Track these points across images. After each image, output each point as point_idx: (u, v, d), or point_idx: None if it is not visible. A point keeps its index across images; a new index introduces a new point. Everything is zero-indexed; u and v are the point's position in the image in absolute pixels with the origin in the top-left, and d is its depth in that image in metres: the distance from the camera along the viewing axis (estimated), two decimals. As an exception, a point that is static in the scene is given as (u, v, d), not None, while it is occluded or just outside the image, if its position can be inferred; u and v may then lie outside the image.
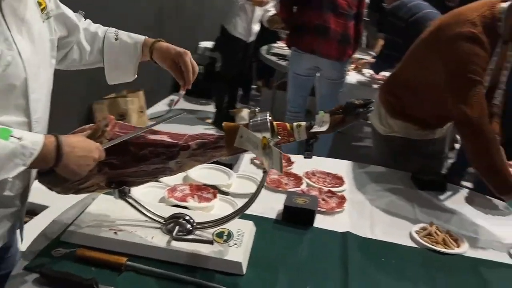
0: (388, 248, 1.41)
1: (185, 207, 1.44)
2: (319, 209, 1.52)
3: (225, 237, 1.26)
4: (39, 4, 1.12)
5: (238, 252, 1.22)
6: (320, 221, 1.49)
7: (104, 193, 1.36)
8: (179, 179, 1.63)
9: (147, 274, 1.13)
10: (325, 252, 1.35)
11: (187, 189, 1.56)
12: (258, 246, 1.30)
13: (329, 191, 1.67)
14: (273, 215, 1.50)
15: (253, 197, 1.21)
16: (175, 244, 1.21)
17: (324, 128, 1.14)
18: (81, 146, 1.03)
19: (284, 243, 1.37)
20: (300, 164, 1.86)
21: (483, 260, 1.42)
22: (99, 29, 1.37)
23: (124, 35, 1.35)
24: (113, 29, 1.37)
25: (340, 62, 3.38)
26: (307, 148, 1.17)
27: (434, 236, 1.48)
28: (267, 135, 1.13)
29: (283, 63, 3.98)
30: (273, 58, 4.15)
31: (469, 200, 1.81)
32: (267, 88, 5.21)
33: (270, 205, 1.53)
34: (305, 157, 1.18)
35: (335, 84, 3.46)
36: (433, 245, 1.44)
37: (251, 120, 1.17)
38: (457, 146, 3.76)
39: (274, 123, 1.18)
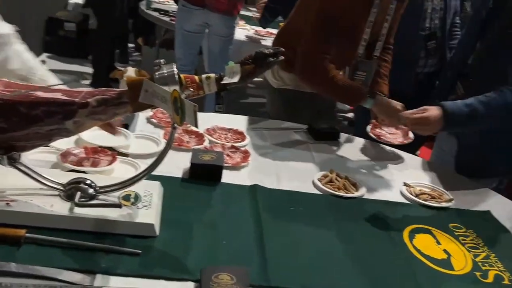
0: (295, 197, 1.45)
1: (83, 172, 1.33)
2: (225, 164, 1.50)
3: (132, 200, 1.19)
4: None
5: (149, 213, 1.16)
6: (227, 176, 1.47)
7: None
8: (71, 142, 1.50)
9: (51, 245, 1.03)
10: (236, 206, 1.34)
11: (82, 152, 1.43)
12: (169, 206, 1.24)
13: (233, 147, 1.66)
14: (179, 174, 1.45)
15: (161, 155, 1.15)
16: (79, 211, 1.12)
17: (235, 79, 1.10)
18: None
19: (195, 201, 1.33)
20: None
21: (380, 200, 1.52)
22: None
23: None
24: None
25: (230, 18, 3.32)
26: (218, 102, 1.13)
27: (335, 182, 1.54)
28: (176, 88, 1.06)
29: (166, 18, 3.81)
30: (155, 14, 3.94)
31: (362, 149, 1.91)
32: (148, 46, 4.99)
33: (175, 164, 1.47)
34: (216, 111, 1.14)
35: (225, 40, 3.40)
36: (335, 191, 1.50)
37: (156, 73, 1.09)
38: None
39: (182, 75, 1.12)
